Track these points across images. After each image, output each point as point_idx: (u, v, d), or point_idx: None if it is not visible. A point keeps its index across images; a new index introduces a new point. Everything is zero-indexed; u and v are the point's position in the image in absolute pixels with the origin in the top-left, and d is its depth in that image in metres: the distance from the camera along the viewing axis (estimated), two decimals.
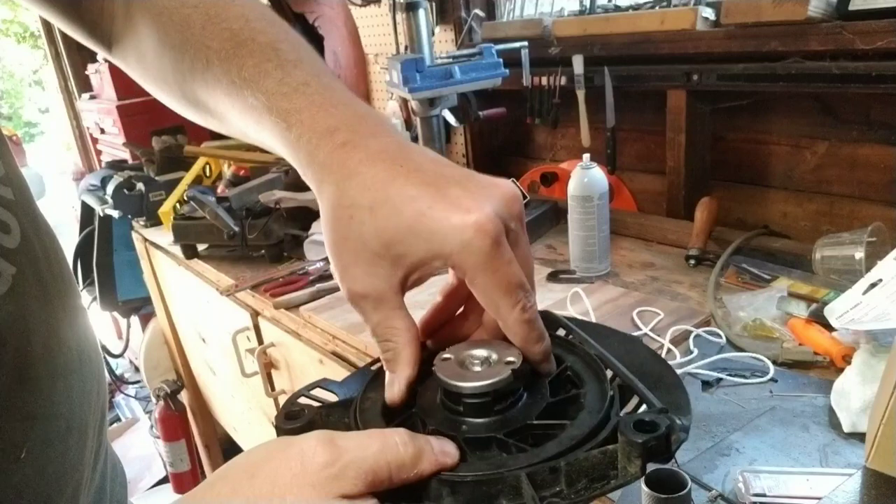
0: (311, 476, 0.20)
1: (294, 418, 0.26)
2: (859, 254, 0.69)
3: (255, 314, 0.99)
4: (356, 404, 0.27)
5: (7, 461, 0.28)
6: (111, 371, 1.95)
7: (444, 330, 0.31)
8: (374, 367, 0.30)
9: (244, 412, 1.24)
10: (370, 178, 0.25)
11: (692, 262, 0.84)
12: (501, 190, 0.26)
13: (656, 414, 0.22)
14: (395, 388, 0.27)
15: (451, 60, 1.01)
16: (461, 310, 0.31)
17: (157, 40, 0.35)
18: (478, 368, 0.26)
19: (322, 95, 0.28)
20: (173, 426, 1.56)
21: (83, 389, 0.34)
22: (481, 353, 0.27)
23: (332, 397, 0.29)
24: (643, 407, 0.25)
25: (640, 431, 0.22)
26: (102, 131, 2.04)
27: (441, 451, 0.23)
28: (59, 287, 0.34)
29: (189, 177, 1.30)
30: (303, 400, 0.28)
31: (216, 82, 0.32)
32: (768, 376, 0.59)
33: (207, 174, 1.34)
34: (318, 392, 0.29)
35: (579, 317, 0.72)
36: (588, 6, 1.10)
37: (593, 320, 0.71)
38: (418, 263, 0.26)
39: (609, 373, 0.27)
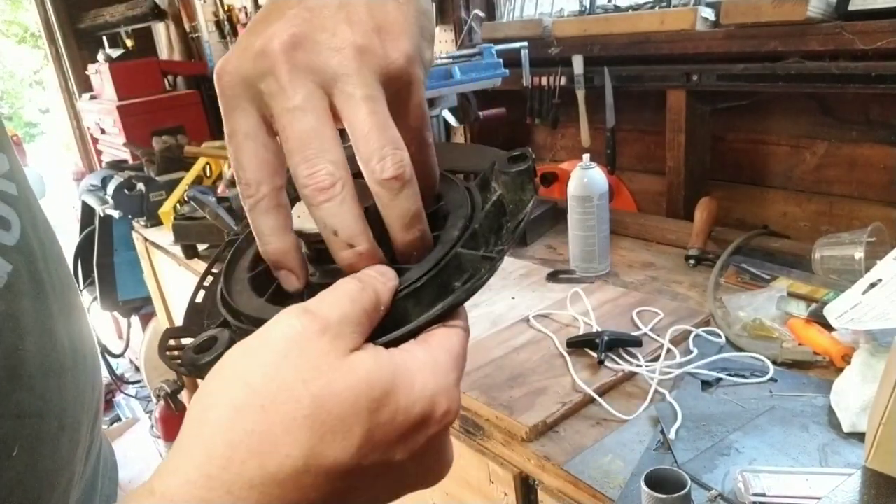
0: (315, 347, 0.19)
1: (209, 348, 0.23)
2: (859, 254, 0.69)
3: None
4: (232, 313, 0.25)
5: None
6: (112, 371, 1.96)
7: None
8: (198, 299, 0.29)
9: None
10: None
11: (692, 262, 0.84)
12: (263, 43, 0.22)
13: (510, 154, 0.25)
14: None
15: (450, 61, 1.01)
16: None
17: None
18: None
19: None
20: (174, 426, 1.56)
21: (77, 387, 0.34)
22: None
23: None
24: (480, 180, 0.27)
25: (518, 162, 0.25)
26: (103, 131, 2.04)
27: (381, 273, 0.22)
28: (56, 285, 0.34)
29: (189, 177, 1.30)
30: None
31: None
32: (768, 376, 0.59)
33: (208, 174, 1.34)
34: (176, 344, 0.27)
35: (579, 317, 0.72)
36: (588, 6, 1.10)
37: (593, 320, 0.71)
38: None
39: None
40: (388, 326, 0.22)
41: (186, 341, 0.26)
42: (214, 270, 0.30)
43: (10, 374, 0.29)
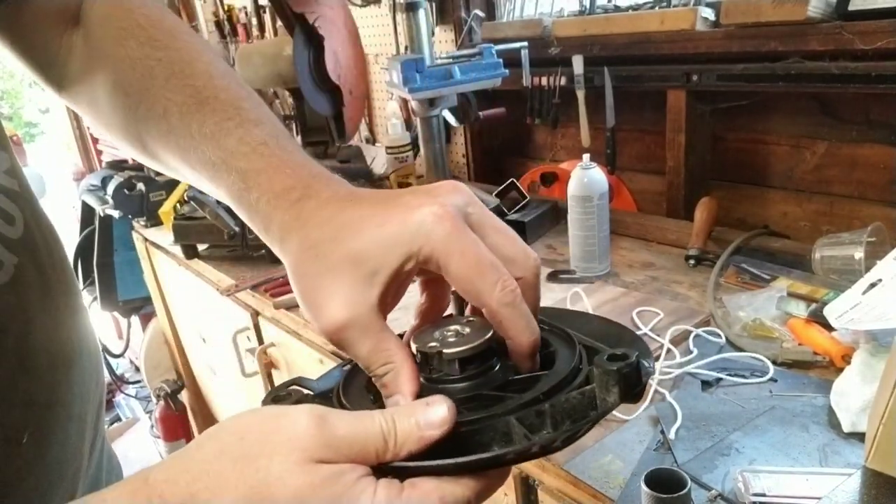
0: (301, 441, 0.21)
1: (282, 401, 0.26)
2: (859, 254, 0.69)
3: (256, 314, 0.99)
4: (338, 389, 0.28)
5: (9, 445, 0.29)
6: (112, 371, 1.96)
7: None
8: (346, 367, 0.31)
9: None
10: (325, 216, 0.27)
11: (692, 262, 0.84)
12: (444, 187, 0.27)
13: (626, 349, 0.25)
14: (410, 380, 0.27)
15: (451, 61, 1.01)
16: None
17: (112, 85, 0.35)
18: (453, 339, 0.27)
19: (279, 158, 0.29)
20: (174, 426, 1.56)
21: (82, 381, 0.35)
22: (454, 327, 0.27)
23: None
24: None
25: (614, 362, 0.24)
26: None
27: (427, 423, 0.22)
28: (60, 280, 0.35)
29: None
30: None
31: (169, 133, 0.32)
32: (768, 376, 0.59)
33: None
34: (295, 389, 0.29)
35: None
36: (588, 6, 1.10)
37: None
38: (393, 274, 0.25)
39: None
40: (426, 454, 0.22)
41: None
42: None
43: (20, 364, 0.30)
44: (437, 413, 0.22)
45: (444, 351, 0.25)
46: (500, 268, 0.25)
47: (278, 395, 0.26)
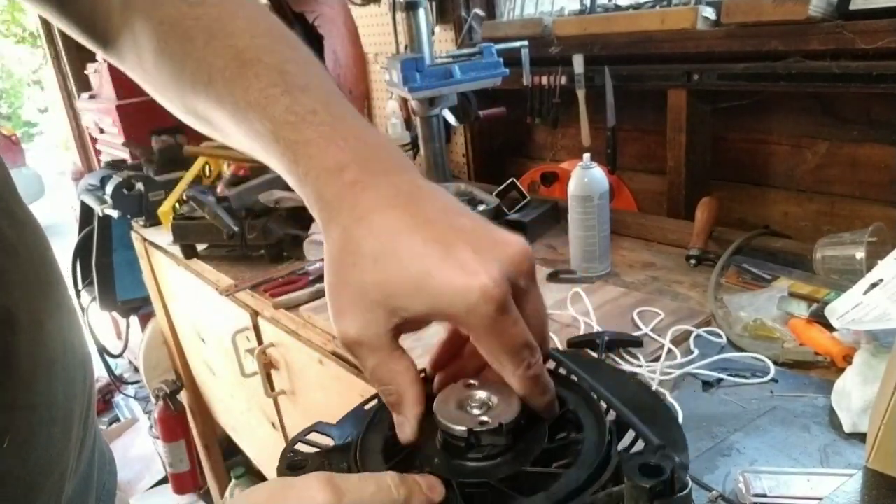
0: None
1: (296, 468, 0.26)
2: (860, 254, 0.69)
3: (255, 314, 0.98)
4: (356, 447, 0.27)
5: None
6: (110, 371, 1.95)
7: (452, 364, 0.31)
8: (368, 406, 0.30)
9: (243, 412, 1.24)
10: (377, 226, 0.25)
11: (693, 261, 0.84)
12: (511, 249, 0.26)
13: (658, 454, 0.23)
14: (406, 428, 0.27)
15: (450, 60, 1.01)
16: (468, 345, 0.30)
17: (156, 49, 0.33)
18: (476, 411, 0.26)
19: (331, 126, 0.27)
20: (173, 426, 1.56)
21: (68, 380, 0.34)
22: (481, 395, 0.27)
23: (328, 440, 0.29)
24: (640, 443, 0.25)
25: (646, 476, 0.22)
26: (102, 131, 2.04)
27: (429, 486, 0.24)
28: (43, 280, 0.34)
29: (188, 176, 1.30)
30: (301, 447, 0.28)
31: (219, 101, 0.31)
32: (769, 376, 0.59)
33: (207, 174, 1.34)
34: (314, 436, 0.29)
35: (579, 317, 0.72)
36: (588, 5, 1.10)
37: (594, 320, 0.71)
38: (418, 318, 0.25)
39: (604, 406, 0.28)
40: None
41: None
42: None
43: (2, 366, 0.29)
44: (433, 479, 0.24)
45: (480, 431, 0.25)
46: (531, 345, 0.26)
47: (293, 462, 0.26)
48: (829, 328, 0.60)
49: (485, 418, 0.26)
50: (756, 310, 0.68)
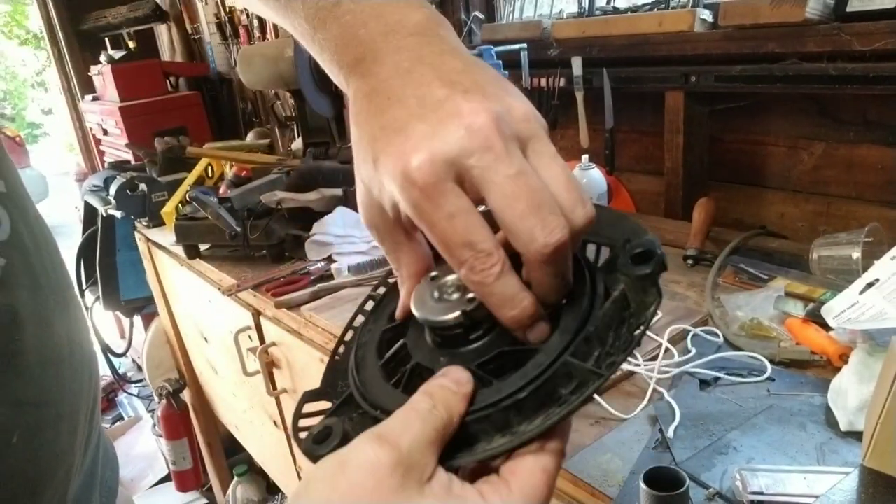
0: (388, 482, 0.20)
1: (325, 440, 0.24)
2: (856, 254, 0.69)
3: (257, 314, 0.99)
4: (356, 382, 0.27)
5: None
6: (114, 370, 1.96)
7: None
8: (337, 357, 0.30)
9: (246, 411, 1.24)
10: (365, 114, 0.25)
11: (690, 262, 0.85)
12: (463, 123, 0.22)
13: (639, 243, 0.23)
14: (399, 303, 0.27)
15: None
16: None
17: None
18: (455, 295, 0.25)
19: (353, 14, 0.27)
20: (175, 425, 1.57)
21: (74, 378, 0.35)
22: (451, 278, 0.26)
23: (324, 405, 0.28)
24: (606, 252, 0.25)
25: (642, 263, 0.23)
26: (105, 132, 2.05)
27: (456, 382, 0.22)
28: (51, 278, 0.35)
29: (191, 177, 1.30)
30: (305, 422, 0.27)
31: None
32: (766, 375, 0.59)
33: (209, 175, 1.35)
34: (310, 407, 0.28)
35: None
36: (587, 8, 1.10)
37: None
38: (394, 208, 0.24)
39: None
40: (485, 432, 0.22)
41: (318, 405, 0.28)
42: (355, 325, 0.31)
43: (9, 364, 0.30)
44: (458, 372, 0.23)
45: (445, 318, 0.24)
46: (475, 246, 0.22)
47: (319, 433, 0.25)
48: (826, 327, 0.60)
49: (468, 296, 0.24)
50: (753, 309, 0.68)
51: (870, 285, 0.56)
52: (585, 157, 0.83)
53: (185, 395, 1.56)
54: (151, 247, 1.35)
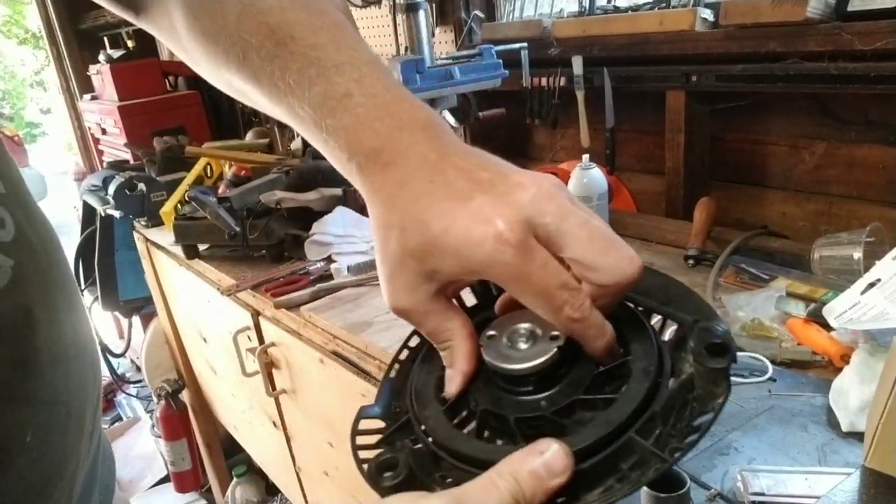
0: None
1: (390, 469, 0.24)
2: (857, 254, 0.69)
3: (256, 314, 0.99)
4: (417, 417, 0.27)
5: (13, 445, 0.29)
6: (113, 371, 1.96)
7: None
8: (392, 374, 0.30)
9: (245, 411, 1.24)
10: (403, 198, 0.26)
11: (691, 262, 0.85)
12: (529, 190, 0.25)
13: (711, 330, 0.23)
14: (453, 384, 0.27)
15: (450, 61, 1.01)
16: None
17: (187, 22, 0.33)
18: (524, 345, 0.26)
19: (366, 108, 0.28)
20: (174, 425, 1.56)
21: (81, 376, 0.35)
22: (526, 326, 0.26)
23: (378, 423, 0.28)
24: (673, 326, 0.26)
25: (717, 356, 0.23)
26: (104, 132, 2.05)
27: (550, 470, 0.22)
28: (57, 277, 0.35)
29: (190, 177, 1.30)
30: (362, 440, 0.27)
31: (255, 79, 0.31)
32: (767, 376, 0.59)
33: (208, 174, 1.34)
34: (366, 425, 0.28)
35: None
36: (587, 7, 1.10)
37: None
38: (452, 278, 0.26)
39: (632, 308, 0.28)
40: None
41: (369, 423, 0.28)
42: (411, 344, 0.32)
43: (22, 363, 0.30)
44: (555, 459, 0.22)
45: (517, 367, 0.25)
46: (568, 285, 0.24)
47: (383, 462, 0.25)
48: (827, 328, 0.60)
49: (552, 334, 0.25)
50: (754, 309, 0.68)
51: (871, 285, 0.56)
52: (586, 156, 0.83)
53: (184, 396, 1.56)
54: (150, 247, 1.34)
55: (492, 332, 0.27)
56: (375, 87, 0.29)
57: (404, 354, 0.31)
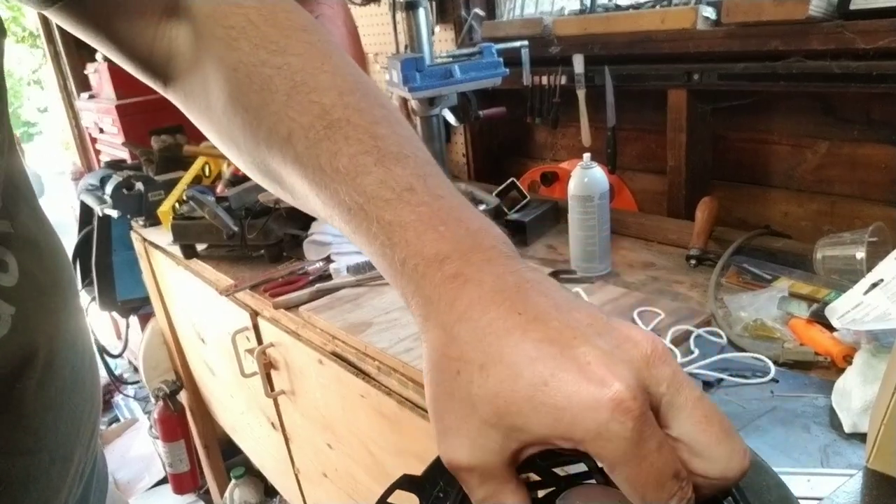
0: None
1: None
2: (860, 254, 0.68)
3: (255, 314, 0.98)
4: None
5: None
6: (110, 371, 1.95)
7: None
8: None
9: (243, 412, 1.24)
10: (482, 327, 0.21)
11: (693, 262, 0.84)
12: (642, 348, 0.20)
13: None
14: None
15: (451, 60, 1.01)
16: None
17: (228, 97, 0.30)
18: None
19: (429, 206, 0.24)
20: (172, 426, 1.56)
21: (73, 417, 0.34)
22: None
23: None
24: None
25: None
26: (101, 131, 2.04)
27: None
28: (59, 280, 0.34)
29: (188, 176, 1.30)
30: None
31: (298, 162, 0.27)
32: (769, 376, 0.59)
33: (206, 174, 1.34)
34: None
35: None
36: (588, 5, 1.10)
37: None
38: (538, 441, 0.21)
39: None
40: None
41: None
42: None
43: (9, 413, 0.29)
44: None
45: None
46: (680, 475, 0.20)
47: None
48: (830, 328, 0.60)
49: None
50: (756, 310, 0.68)
51: (874, 285, 0.56)
52: (587, 155, 0.83)
53: (182, 397, 1.55)
54: (148, 246, 1.34)
55: None
56: (439, 186, 0.25)
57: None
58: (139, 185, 1.31)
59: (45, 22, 2.32)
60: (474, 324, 0.21)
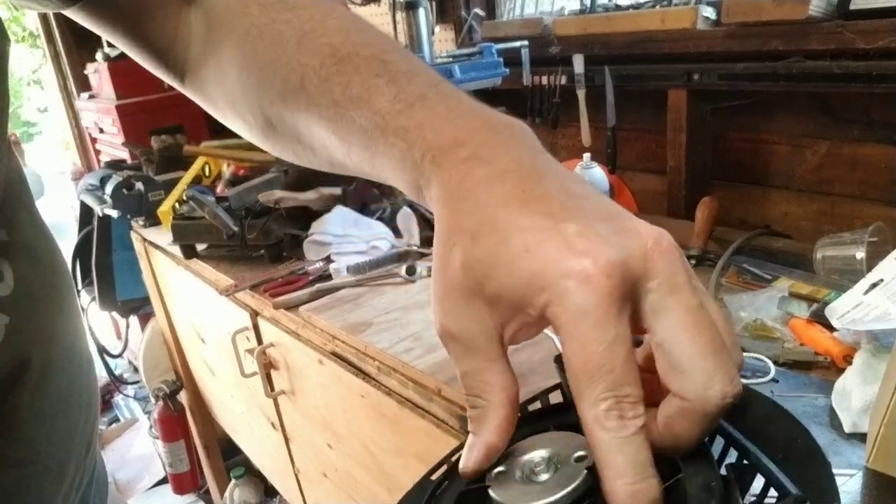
0: None
1: None
2: (860, 254, 0.68)
3: (255, 314, 0.98)
4: None
5: None
6: (110, 371, 1.95)
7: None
8: (433, 477, 0.24)
9: (243, 412, 1.24)
10: (482, 200, 0.21)
11: (693, 261, 0.84)
12: (642, 240, 0.19)
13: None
14: (472, 454, 0.21)
15: (450, 60, 1.01)
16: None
17: (242, 61, 0.31)
18: (544, 475, 0.21)
19: (445, 105, 0.24)
20: (172, 426, 1.56)
21: (69, 426, 0.33)
22: (542, 454, 0.21)
23: None
24: (771, 493, 0.19)
25: None
26: (101, 131, 2.04)
27: None
28: (59, 320, 0.33)
29: (188, 176, 1.30)
30: None
31: (310, 104, 0.27)
32: (769, 376, 0.58)
33: (207, 174, 1.34)
34: None
35: None
36: (588, 5, 1.10)
37: None
38: (513, 308, 0.20)
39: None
40: None
41: None
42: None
43: (2, 424, 0.29)
44: None
45: (565, 492, 0.19)
46: (625, 382, 0.18)
47: None
48: (830, 328, 0.60)
49: (555, 479, 0.20)
50: (756, 310, 0.68)
51: (874, 285, 0.56)
52: (587, 155, 0.83)
53: (182, 397, 1.55)
54: (148, 246, 1.34)
55: (501, 469, 0.21)
56: (454, 93, 0.25)
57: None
58: (139, 185, 1.31)
59: (45, 22, 2.32)
60: (477, 199, 0.21)
